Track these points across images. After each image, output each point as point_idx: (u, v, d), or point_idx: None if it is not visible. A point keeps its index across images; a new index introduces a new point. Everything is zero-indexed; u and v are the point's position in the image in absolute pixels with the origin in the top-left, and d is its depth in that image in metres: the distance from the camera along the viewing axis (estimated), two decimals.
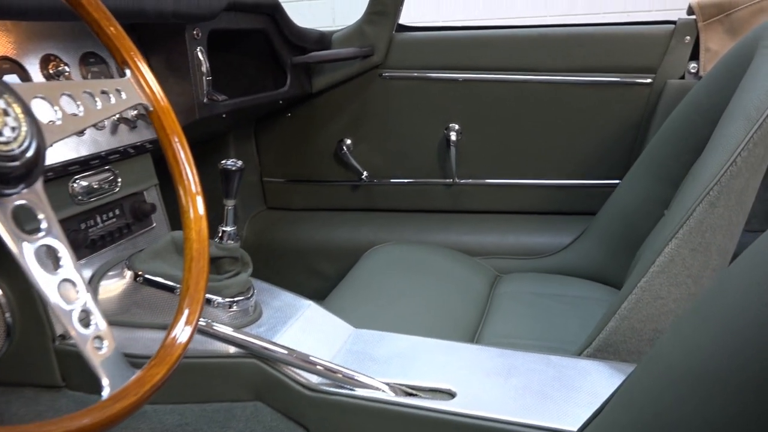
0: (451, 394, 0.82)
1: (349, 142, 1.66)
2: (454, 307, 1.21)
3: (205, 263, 0.63)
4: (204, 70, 1.16)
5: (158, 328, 0.88)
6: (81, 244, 0.91)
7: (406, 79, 1.57)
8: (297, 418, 0.86)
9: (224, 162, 0.90)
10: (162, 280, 0.90)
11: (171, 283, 0.89)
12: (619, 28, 1.45)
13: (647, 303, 0.89)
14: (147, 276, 0.90)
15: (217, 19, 1.18)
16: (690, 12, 1.39)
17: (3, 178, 0.47)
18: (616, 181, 1.47)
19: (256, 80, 1.49)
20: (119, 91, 0.65)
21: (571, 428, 0.75)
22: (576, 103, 1.49)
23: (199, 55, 1.15)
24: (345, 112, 1.63)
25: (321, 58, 1.52)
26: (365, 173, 1.65)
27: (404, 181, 1.66)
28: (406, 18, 1.58)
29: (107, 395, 0.48)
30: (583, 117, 1.50)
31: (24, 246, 0.48)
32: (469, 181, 1.62)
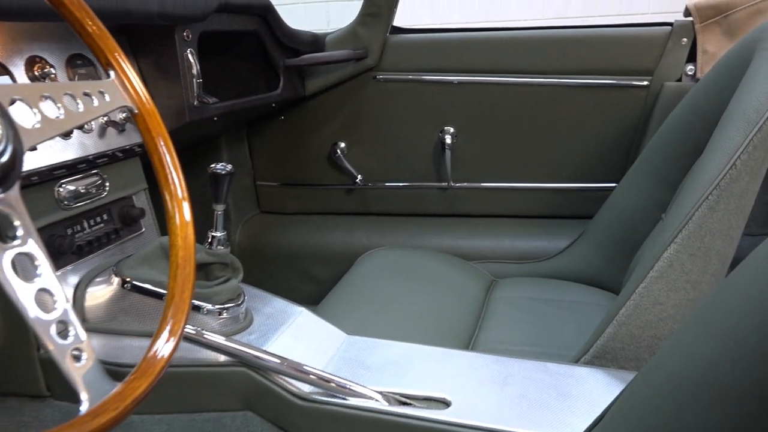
0: (446, 403, 0.81)
1: (343, 145, 1.64)
2: (449, 312, 1.20)
3: (191, 270, 0.61)
4: (194, 72, 1.15)
5: (146, 336, 0.86)
6: (67, 249, 0.89)
7: (401, 82, 1.55)
8: (288, 428, 0.84)
9: (213, 166, 0.88)
10: (150, 286, 0.88)
11: (159, 290, 0.88)
12: (616, 30, 1.44)
13: (646, 309, 0.88)
14: (135, 282, 0.88)
15: (207, 20, 1.17)
16: (687, 14, 1.38)
17: None
18: (613, 185, 1.46)
19: (249, 83, 1.48)
20: (102, 93, 0.63)
21: None
22: (572, 106, 1.48)
23: (190, 57, 1.14)
24: (339, 115, 1.62)
25: (314, 61, 1.50)
26: (359, 177, 1.64)
27: (399, 184, 1.64)
28: (400, 20, 1.57)
29: (85, 410, 0.46)
30: (579, 120, 1.49)
31: None
32: (465, 184, 1.60)
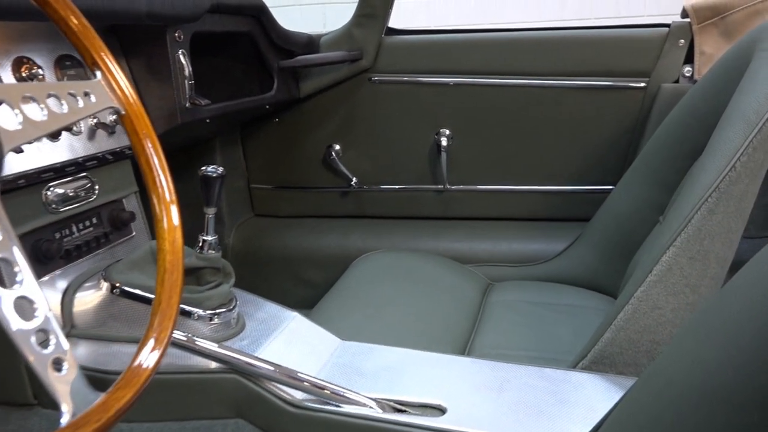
0: (441, 410, 0.80)
1: (338, 147, 1.63)
2: (445, 316, 1.18)
3: (179, 276, 0.60)
4: (186, 73, 1.13)
5: (135, 343, 0.84)
6: (55, 254, 0.87)
7: (396, 83, 1.54)
8: None
9: (204, 168, 0.86)
10: (140, 291, 0.87)
11: (149, 295, 0.86)
12: (613, 32, 1.43)
13: (644, 313, 0.86)
14: (124, 288, 0.87)
15: (200, 21, 1.15)
16: (684, 15, 1.37)
17: None
18: (610, 187, 1.45)
19: (242, 84, 1.46)
20: (88, 94, 0.61)
21: None
22: (569, 108, 1.47)
23: (181, 58, 1.12)
24: (334, 117, 1.60)
25: (309, 62, 1.49)
26: (354, 179, 1.62)
27: (394, 187, 1.63)
28: (395, 22, 1.55)
29: (66, 422, 0.44)
30: (576, 122, 1.48)
31: None
32: (461, 187, 1.59)
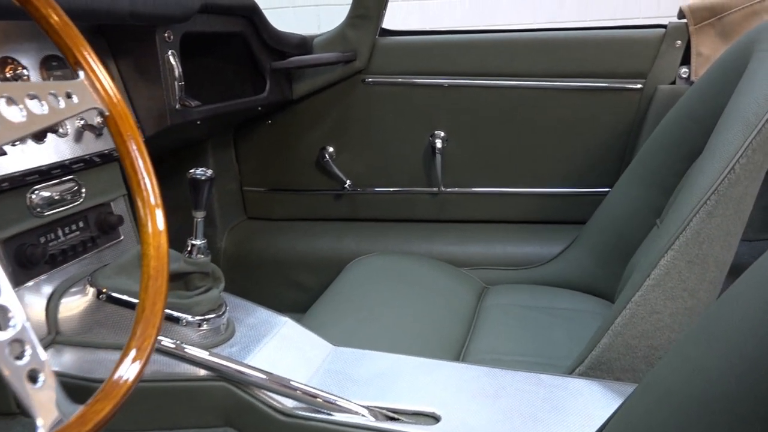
0: (435, 418, 0.78)
1: (331, 149, 1.61)
2: (439, 320, 1.17)
3: (164, 282, 0.58)
4: (176, 74, 1.11)
5: (122, 350, 0.82)
6: (39, 259, 0.85)
7: (390, 85, 1.52)
8: None
9: (193, 171, 0.84)
10: (127, 297, 0.85)
11: (136, 301, 0.84)
12: (609, 32, 1.42)
13: (642, 318, 0.85)
14: (110, 293, 0.85)
15: (190, 21, 1.13)
16: (681, 15, 1.36)
17: None
18: (606, 189, 1.43)
19: (234, 86, 1.44)
20: (70, 95, 0.59)
21: None
22: (564, 109, 1.46)
23: (171, 58, 1.10)
24: (327, 119, 1.59)
25: (302, 63, 1.47)
26: (348, 182, 1.61)
27: (388, 189, 1.61)
28: (389, 24, 1.54)
29: None
30: (571, 123, 1.47)
31: None
32: (455, 189, 1.58)
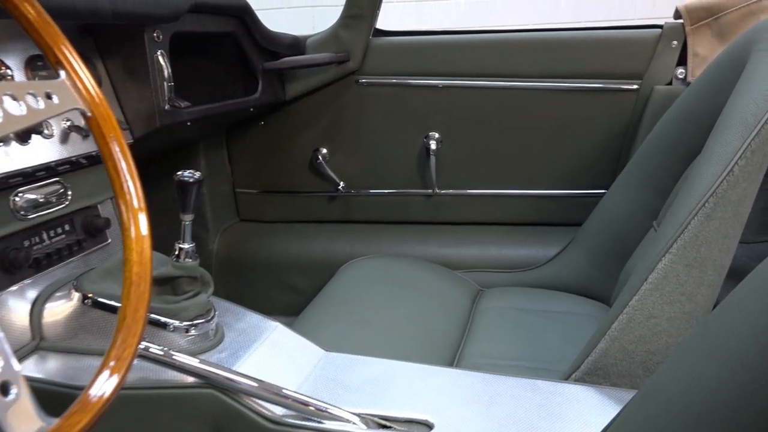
0: (428, 425, 0.77)
1: (324, 151, 1.59)
2: (434, 324, 1.15)
3: (147, 288, 0.56)
4: (166, 74, 1.09)
5: None
6: (23, 263, 0.83)
7: (384, 86, 1.51)
8: None
9: (180, 173, 0.82)
10: (113, 302, 0.83)
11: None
12: (605, 33, 1.41)
13: (639, 323, 0.83)
14: (96, 298, 0.83)
15: (180, 21, 1.11)
16: (677, 16, 1.35)
17: None
18: (603, 191, 1.42)
19: (225, 87, 1.42)
20: (50, 95, 0.57)
21: None
22: (560, 110, 1.45)
23: (160, 59, 1.08)
24: (320, 120, 1.57)
25: (294, 64, 1.46)
26: (342, 184, 1.59)
27: (382, 191, 1.60)
28: (383, 25, 1.52)
29: None
30: (567, 124, 1.45)
31: None
32: (450, 191, 1.56)
